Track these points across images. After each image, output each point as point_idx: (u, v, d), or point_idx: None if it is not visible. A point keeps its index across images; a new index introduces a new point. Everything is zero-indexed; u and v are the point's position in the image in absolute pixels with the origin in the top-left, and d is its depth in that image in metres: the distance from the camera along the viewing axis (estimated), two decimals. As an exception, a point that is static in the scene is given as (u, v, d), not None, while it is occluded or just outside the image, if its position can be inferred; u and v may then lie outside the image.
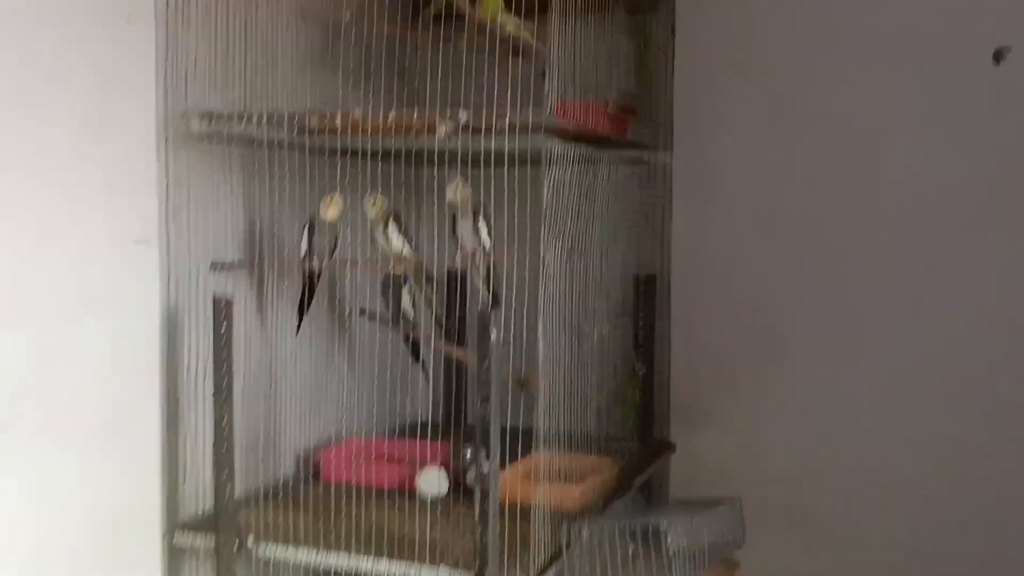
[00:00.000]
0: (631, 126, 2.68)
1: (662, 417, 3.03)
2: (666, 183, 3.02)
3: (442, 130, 2.03)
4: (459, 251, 2.31)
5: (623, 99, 2.68)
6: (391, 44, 2.53)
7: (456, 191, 2.29)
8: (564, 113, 2.28)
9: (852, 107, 2.87)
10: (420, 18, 2.49)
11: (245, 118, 2.18)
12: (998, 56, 2.76)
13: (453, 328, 2.95)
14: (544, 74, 2.62)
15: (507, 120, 2.03)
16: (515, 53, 2.51)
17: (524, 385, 2.18)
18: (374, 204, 2.34)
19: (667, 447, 2.99)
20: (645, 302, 2.99)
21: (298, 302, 2.48)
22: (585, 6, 2.34)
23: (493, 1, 2.37)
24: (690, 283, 3.07)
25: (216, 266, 2.31)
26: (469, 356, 2.17)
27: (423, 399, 2.97)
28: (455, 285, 3.01)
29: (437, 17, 2.53)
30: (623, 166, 2.74)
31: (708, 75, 3.00)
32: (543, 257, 2.06)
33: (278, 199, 2.37)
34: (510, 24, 2.46)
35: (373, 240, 2.37)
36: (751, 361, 3.01)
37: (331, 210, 2.32)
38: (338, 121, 2.12)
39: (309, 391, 2.59)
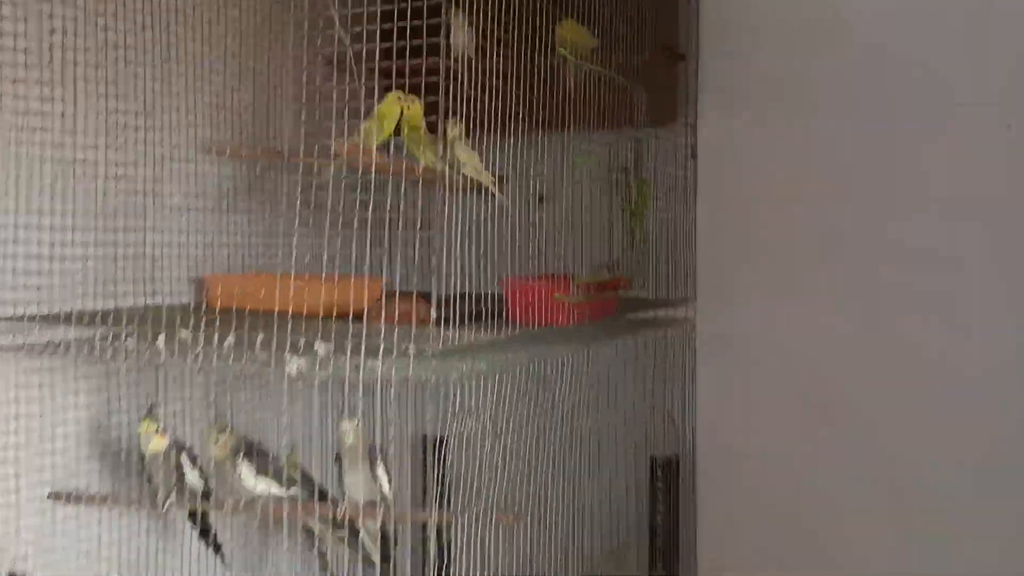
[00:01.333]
0: (626, 289, 2.04)
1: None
2: (688, 345, 2.34)
3: (293, 367, 1.43)
4: (345, 503, 1.65)
5: (606, 264, 2.02)
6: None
7: (341, 435, 1.63)
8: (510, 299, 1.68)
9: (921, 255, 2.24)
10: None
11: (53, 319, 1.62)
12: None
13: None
14: (542, 199, 2.00)
15: (381, 348, 1.41)
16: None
17: None
18: (215, 441, 1.71)
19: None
20: (664, 491, 2.39)
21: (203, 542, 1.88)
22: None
23: (412, 139, 1.67)
24: (718, 466, 2.46)
25: (54, 496, 1.76)
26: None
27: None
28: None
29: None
30: (617, 338, 2.09)
31: (740, 209, 2.31)
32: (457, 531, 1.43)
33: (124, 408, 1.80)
34: (465, 159, 1.80)
35: (224, 481, 1.73)
36: (792, 560, 2.40)
37: (151, 443, 1.71)
38: (161, 342, 1.52)
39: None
